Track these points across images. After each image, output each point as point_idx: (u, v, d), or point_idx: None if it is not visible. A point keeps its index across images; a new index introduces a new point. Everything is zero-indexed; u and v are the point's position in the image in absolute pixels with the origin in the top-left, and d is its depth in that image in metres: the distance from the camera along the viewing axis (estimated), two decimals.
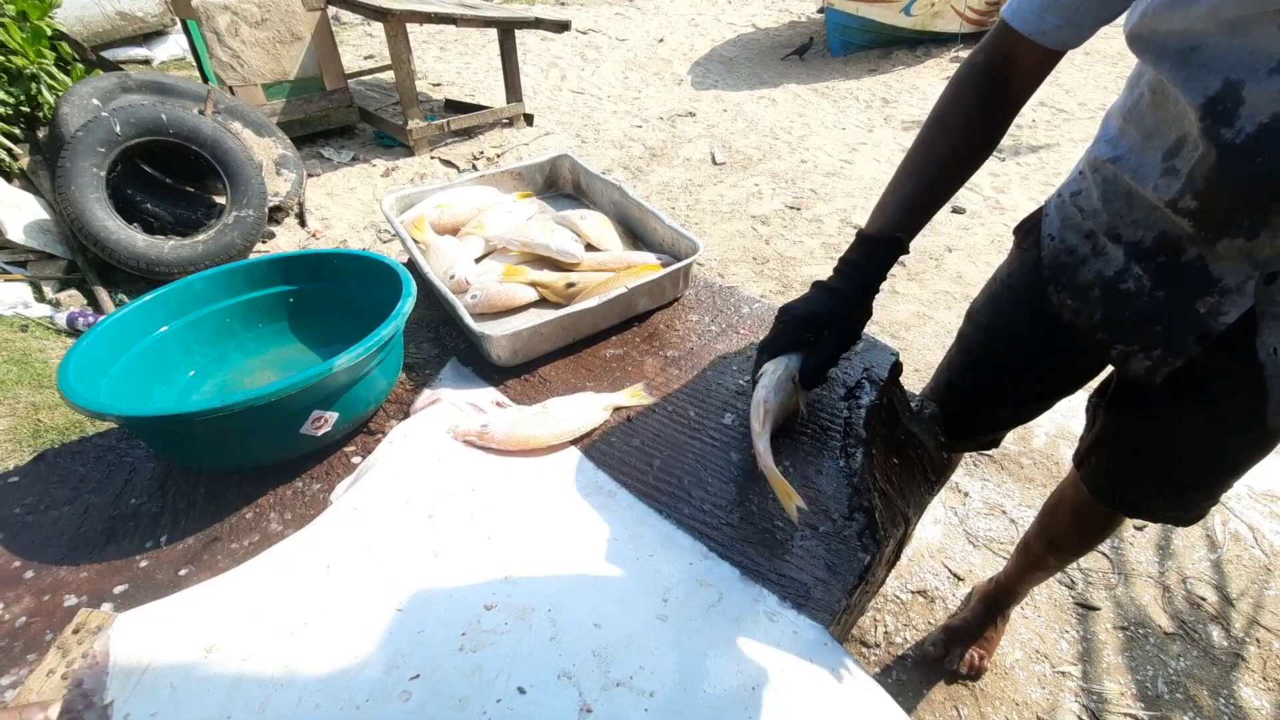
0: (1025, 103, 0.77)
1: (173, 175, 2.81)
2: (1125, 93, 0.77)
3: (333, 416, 0.73)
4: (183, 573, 0.66)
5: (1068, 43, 0.69)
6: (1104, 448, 0.98)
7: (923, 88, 4.87)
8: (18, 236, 2.40)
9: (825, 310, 0.76)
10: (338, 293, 0.92)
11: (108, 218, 2.34)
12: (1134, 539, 1.66)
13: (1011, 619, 1.42)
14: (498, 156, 3.71)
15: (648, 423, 0.84)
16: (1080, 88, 4.71)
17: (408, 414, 0.85)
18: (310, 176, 3.39)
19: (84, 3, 4.24)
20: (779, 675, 0.56)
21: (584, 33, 6.07)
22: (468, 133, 3.91)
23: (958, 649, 1.35)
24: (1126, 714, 1.31)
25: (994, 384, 1.05)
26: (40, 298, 2.39)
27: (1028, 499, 1.76)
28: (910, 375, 2.11)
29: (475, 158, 3.68)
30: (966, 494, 1.77)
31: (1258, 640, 1.43)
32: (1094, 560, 1.61)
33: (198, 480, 0.76)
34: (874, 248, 0.76)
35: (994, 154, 3.67)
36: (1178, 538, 1.66)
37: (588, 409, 0.82)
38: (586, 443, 0.81)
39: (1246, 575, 1.57)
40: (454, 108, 4.24)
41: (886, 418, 0.90)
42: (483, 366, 0.93)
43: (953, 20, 5.38)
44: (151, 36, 4.79)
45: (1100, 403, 0.98)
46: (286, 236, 2.98)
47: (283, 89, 3.44)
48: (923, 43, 5.57)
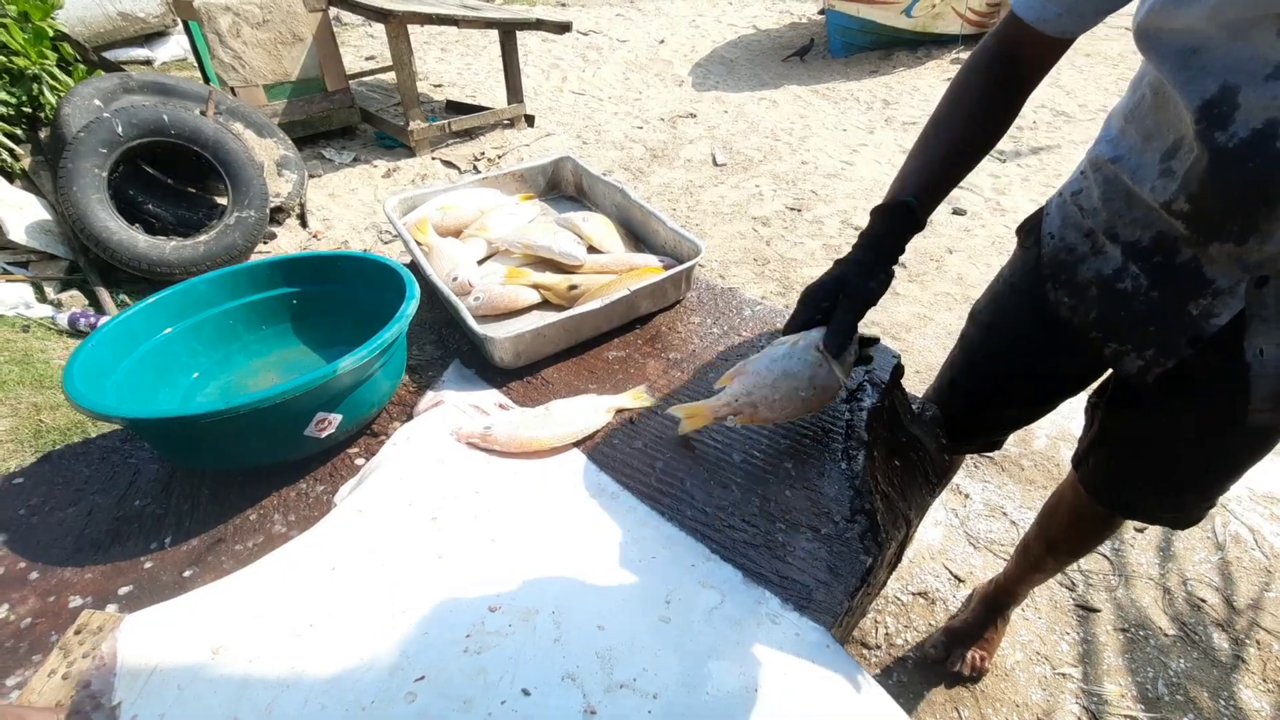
0: (1035, 87, 0.78)
1: (174, 176, 2.81)
2: (1128, 94, 0.78)
3: (336, 418, 0.73)
4: (187, 574, 0.66)
5: (1069, 31, 0.70)
6: (1101, 449, 0.98)
7: (923, 89, 4.87)
8: (19, 237, 2.40)
9: (836, 277, 0.75)
10: (341, 295, 0.92)
11: (109, 218, 2.35)
12: (1134, 541, 1.66)
13: (1012, 620, 1.42)
14: (499, 158, 3.71)
15: (650, 425, 0.84)
16: (1081, 89, 4.72)
17: (411, 416, 0.86)
18: (311, 177, 3.39)
19: (86, 3, 4.24)
20: (781, 677, 0.56)
21: (585, 34, 6.07)
22: (469, 134, 3.91)
23: (958, 650, 1.35)
24: (1127, 715, 1.31)
25: (996, 384, 1.05)
26: (42, 298, 2.39)
27: (1028, 501, 1.76)
28: (911, 377, 2.11)
29: (476, 159, 3.69)
30: (967, 496, 1.78)
31: (1258, 642, 1.43)
32: (1094, 562, 1.61)
33: (202, 482, 0.77)
34: (885, 214, 0.76)
35: (995, 155, 3.71)
36: (1178, 540, 1.66)
37: (590, 411, 0.83)
38: (589, 445, 0.81)
39: (1247, 577, 1.57)
40: (455, 109, 4.25)
41: (888, 420, 0.90)
42: (485, 369, 0.93)
43: (953, 22, 5.39)
44: (153, 37, 4.79)
45: (1099, 404, 0.99)
46: (288, 237, 2.98)
47: (284, 90, 3.45)
48: (923, 44, 5.57)
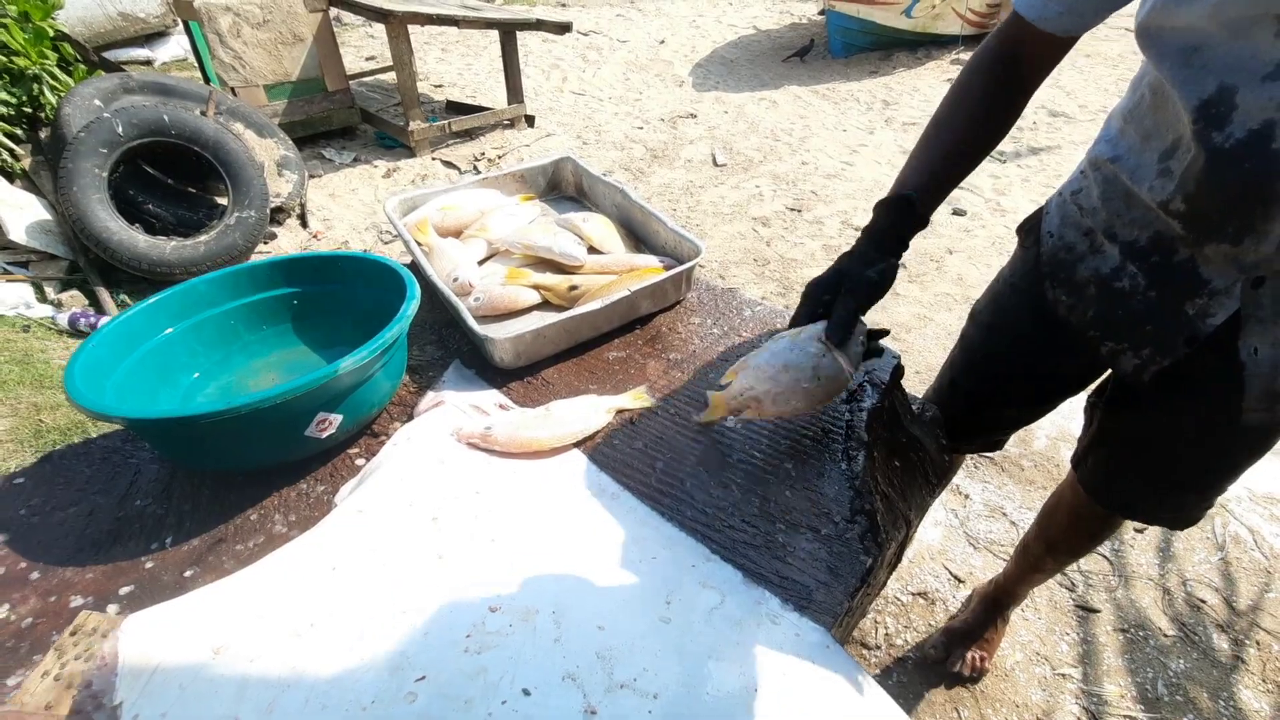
0: (1037, 87, 0.78)
1: (174, 176, 2.81)
2: (1128, 94, 0.78)
3: (337, 419, 0.73)
4: (188, 574, 0.66)
5: (1070, 29, 0.70)
6: (1100, 448, 0.99)
7: (923, 90, 4.87)
8: (20, 237, 2.41)
9: (836, 270, 0.76)
10: (341, 295, 0.92)
11: (109, 218, 2.35)
12: (1134, 542, 1.66)
13: (1012, 621, 1.42)
14: (499, 158, 3.72)
15: (650, 425, 0.84)
16: (1081, 91, 4.72)
17: (411, 416, 0.86)
18: (312, 177, 3.39)
19: (86, 4, 4.25)
20: (781, 677, 0.56)
21: (585, 34, 6.08)
22: (469, 134, 3.92)
23: (958, 651, 1.35)
24: (1126, 716, 1.31)
25: (996, 384, 1.05)
26: (42, 298, 2.39)
27: (1028, 501, 1.76)
28: (911, 378, 2.11)
29: (476, 159, 3.69)
30: (967, 496, 1.78)
31: (1257, 643, 1.43)
32: (1094, 563, 1.61)
33: (202, 482, 0.77)
34: (886, 208, 0.77)
35: (995, 156, 3.71)
36: (1178, 540, 1.66)
37: (590, 411, 0.83)
38: (589, 445, 0.81)
39: (1247, 578, 1.57)
40: (455, 109, 4.25)
41: (888, 420, 0.90)
42: (486, 369, 0.93)
43: (953, 22, 5.39)
44: (153, 37, 4.80)
45: (1098, 404, 0.99)
46: (288, 237, 2.98)
47: (284, 90, 3.45)
48: (923, 45, 5.58)
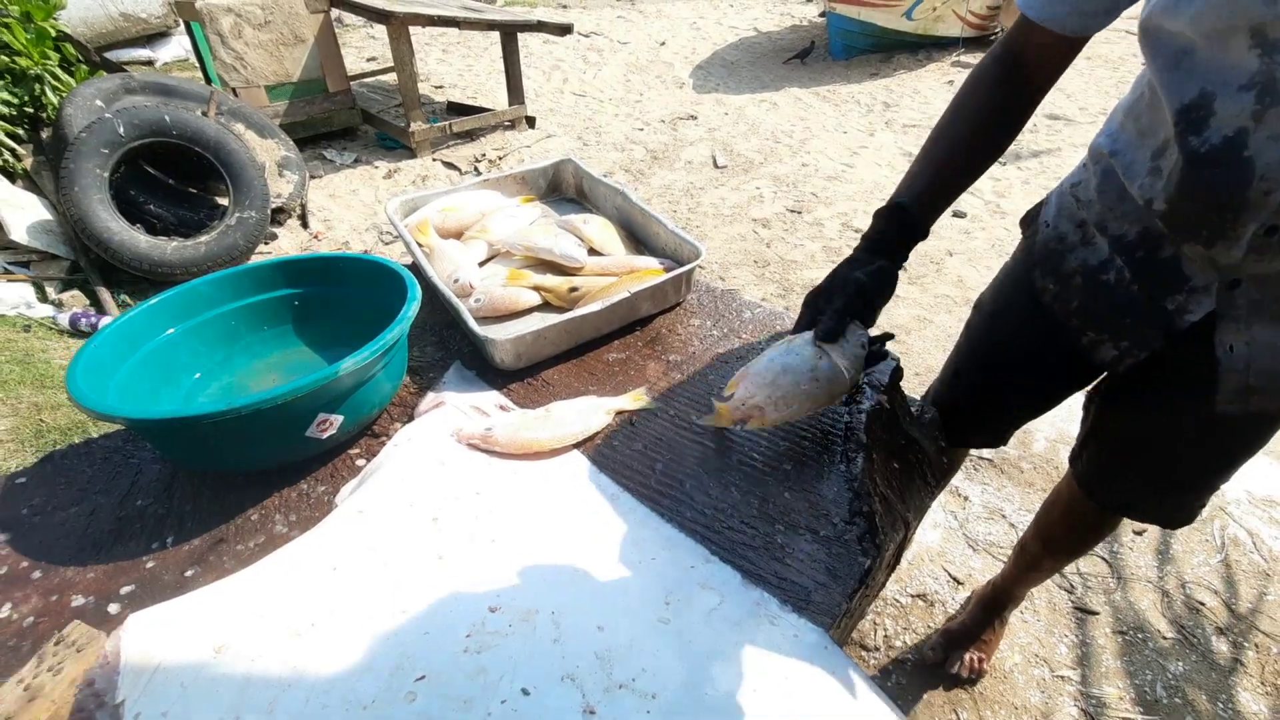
0: (1046, 92, 0.78)
1: (175, 176, 2.82)
2: (1131, 89, 0.79)
3: (338, 419, 0.74)
4: (189, 574, 0.67)
5: (1079, 30, 0.70)
6: (1094, 444, 1.00)
7: (924, 92, 4.88)
8: (21, 237, 2.41)
9: (830, 275, 0.79)
10: (342, 296, 0.92)
11: (111, 219, 2.35)
12: (1133, 544, 1.66)
13: (1010, 623, 1.43)
14: (499, 159, 3.72)
15: (650, 426, 0.84)
16: (1081, 93, 4.72)
17: (412, 417, 0.86)
18: (312, 178, 3.40)
19: (88, 4, 4.26)
20: (779, 678, 0.56)
21: (586, 36, 6.09)
22: (470, 135, 3.92)
23: (957, 652, 1.35)
24: (1125, 718, 1.31)
25: (998, 373, 1.06)
26: (43, 298, 2.40)
27: (1027, 503, 1.76)
28: (911, 379, 2.12)
29: (477, 160, 3.69)
30: (966, 498, 1.78)
31: (1256, 645, 1.43)
32: (1093, 565, 1.61)
33: (203, 482, 0.77)
34: (879, 216, 0.80)
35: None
36: (1177, 543, 1.66)
37: (590, 413, 0.83)
38: (589, 446, 0.82)
39: (1245, 580, 1.57)
40: (456, 110, 4.26)
41: (887, 422, 0.90)
42: (486, 370, 0.93)
43: (954, 25, 5.40)
44: (155, 38, 4.81)
45: (1094, 399, 1.00)
46: (289, 238, 2.98)
47: (285, 91, 3.45)
48: (924, 47, 5.58)
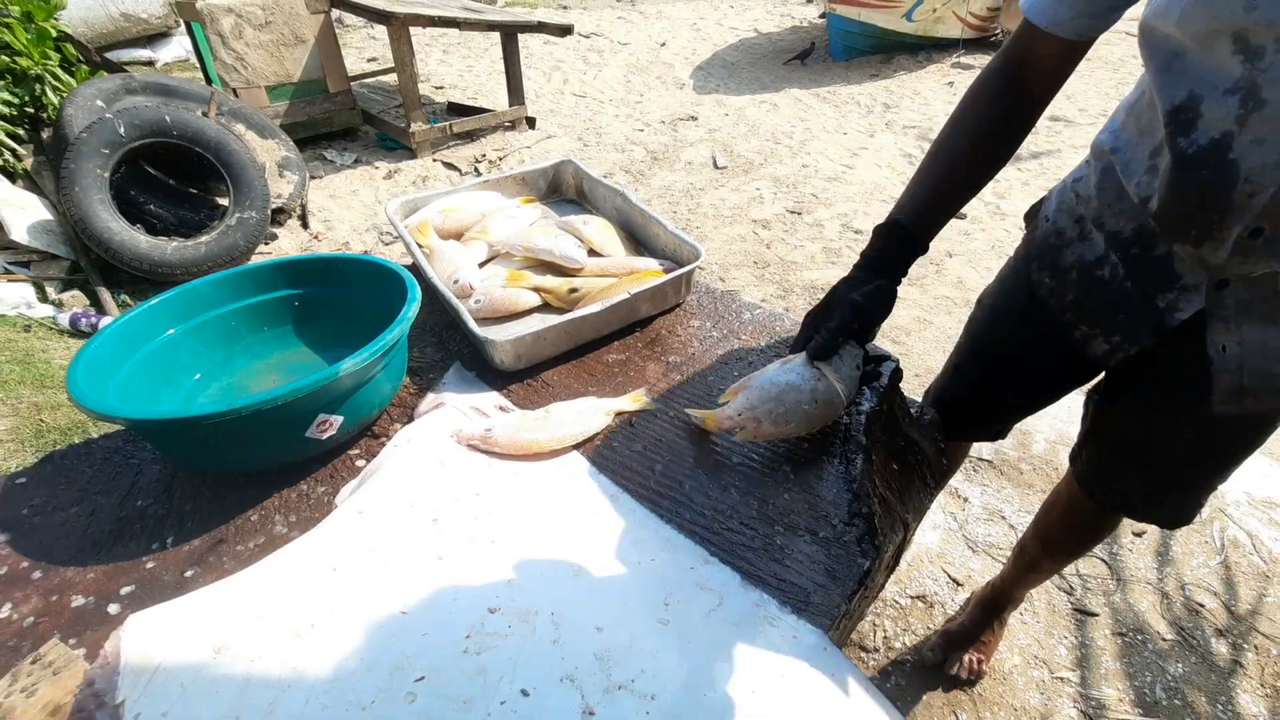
0: (1049, 101, 0.78)
1: (176, 177, 2.82)
2: (1135, 88, 0.79)
3: (338, 420, 0.74)
4: (189, 574, 0.67)
5: (1084, 32, 0.71)
6: (1093, 442, 1.00)
7: (924, 93, 4.88)
8: (21, 237, 2.41)
9: (827, 296, 0.81)
10: (342, 297, 0.92)
11: (111, 219, 2.35)
12: (1132, 545, 1.66)
13: (1010, 624, 1.43)
14: (500, 159, 3.72)
15: (649, 428, 0.84)
16: (1082, 94, 4.73)
17: (412, 418, 0.86)
18: (313, 178, 3.40)
19: (89, 4, 4.26)
20: (779, 679, 0.56)
21: (586, 36, 6.09)
22: (470, 136, 3.92)
23: (956, 654, 1.35)
24: None
25: (996, 368, 1.07)
26: (43, 298, 2.40)
27: (1027, 505, 1.76)
28: (910, 381, 2.12)
29: (477, 161, 3.69)
30: (966, 500, 1.78)
31: (1256, 647, 1.43)
32: (1092, 566, 1.61)
33: (203, 482, 0.77)
34: (878, 233, 0.81)
35: None
36: (1176, 544, 1.66)
37: (590, 414, 0.83)
38: (589, 447, 0.82)
39: (1245, 582, 1.57)
40: (456, 111, 4.26)
41: (886, 424, 0.90)
42: (486, 371, 0.93)
43: (954, 26, 5.40)
44: (155, 38, 4.81)
45: (1095, 399, 1.00)
46: (289, 238, 2.98)
47: (286, 91, 3.46)
48: (924, 48, 5.59)
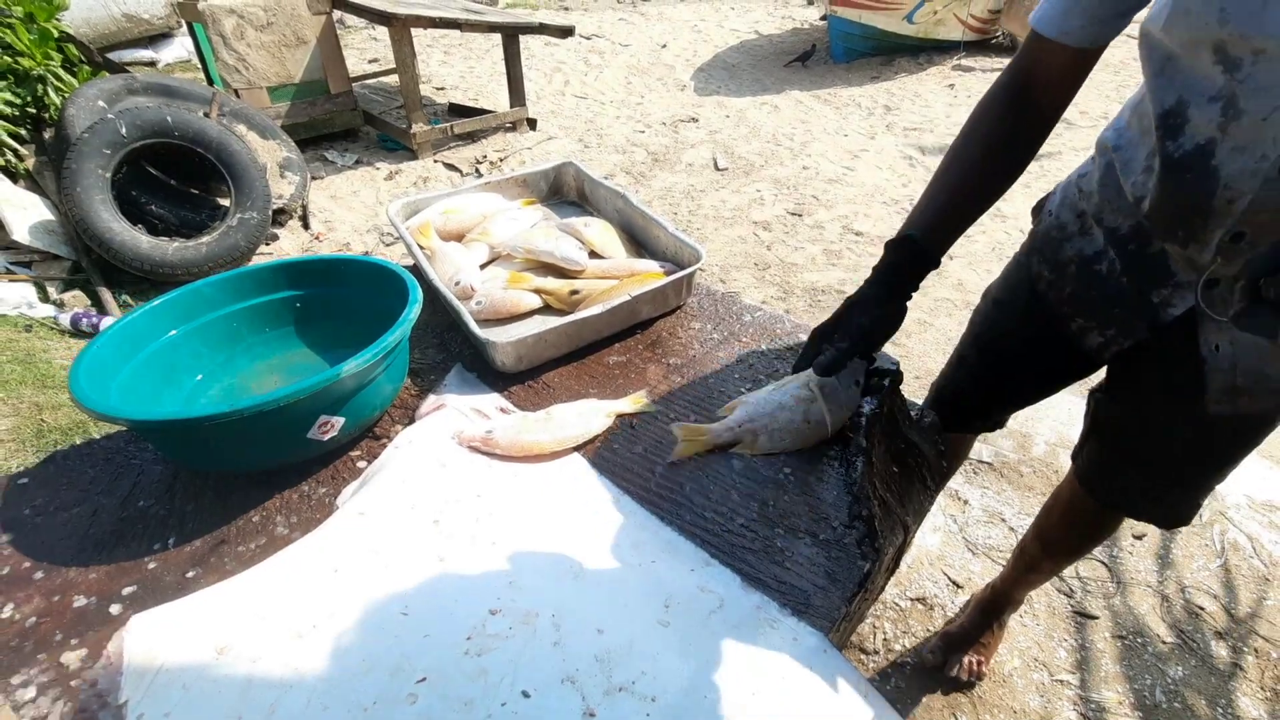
0: (1060, 114, 0.78)
1: (177, 177, 2.82)
2: (1139, 88, 0.80)
3: (339, 421, 0.74)
4: (190, 575, 0.67)
5: (1094, 40, 0.71)
6: (1094, 439, 1.01)
7: (925, 95, 4.88)
8: (23, 237, 2.41)
9: (836, 316, 0.82)
10: (344, 298, 0.93)
11: (112, 219, 2.36)
12: (1132, 548, 1.66)
13: (1010, 626, 1.43)
14: (501, 160, 3.73)
15: (650, 430, 0.84)
16: (1082, 96, 4.69)
17: (413, 419, 0.86)
18: (314, 179, 3.40)
19: (90, 5, 4.27)
20: (779, 681, 0.57)
21: (588, 38, 6.10)
22: (471, 137, 3.93)
23: (956, 655, 1.35)
24: None
25: (998, 360, 1.07)
26: (44, 298, 2.40)
27: (1027, 507, 1.76)
28: (910, 383, 2.12)
29: (478, 162, 3.70)
30: (966, 502, 1.78)
31: (1255, 650, 1.43)
32: (1092, 569, 1.61)
33: (205, 483, 0.77)
34: (890, 247, 0.82)
35: None
36: (1176, 547, 1.66)
37: (591, 416, 0.83)
38: (590, 449, 0.82)
39: (1245, 585, 1.57)
40: (458, 112, 4.26)
41: (886, 426, 0.90)
42: (487, 372, 0.94)
43: (955, 28, 5.41)
44: (157, 39, 4.82)
45: (1096, 397, 1.00)
46: (290, 239, 2.99)
47: (287, 92, 3.46)
48: (925, 50, 5.59)
